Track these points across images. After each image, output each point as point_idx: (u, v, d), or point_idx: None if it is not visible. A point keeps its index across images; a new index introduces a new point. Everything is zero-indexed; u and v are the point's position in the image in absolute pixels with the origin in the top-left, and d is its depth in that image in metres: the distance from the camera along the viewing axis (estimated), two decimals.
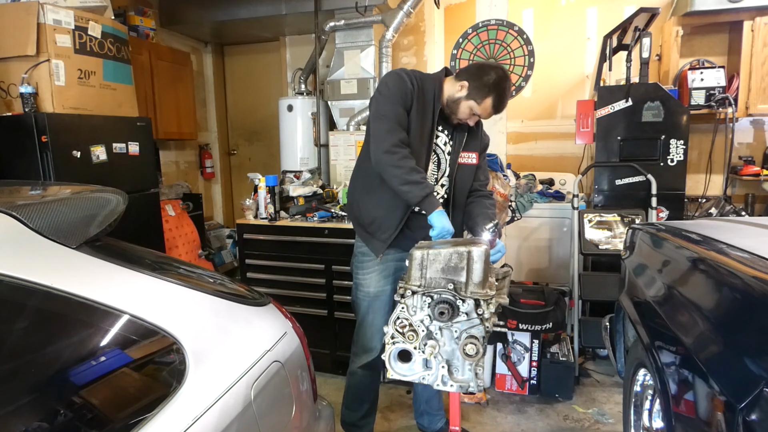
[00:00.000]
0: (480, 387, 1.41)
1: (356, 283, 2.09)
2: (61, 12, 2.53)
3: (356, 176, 2.07)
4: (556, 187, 3.83)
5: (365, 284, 2.06)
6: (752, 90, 3.34)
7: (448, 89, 1.91)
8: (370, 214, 1.99)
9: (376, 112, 1.85)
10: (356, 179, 2.07)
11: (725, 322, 1.08)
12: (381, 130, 1.81)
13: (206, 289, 1.15)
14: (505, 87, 1.87)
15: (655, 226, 1.82)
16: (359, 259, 2.07)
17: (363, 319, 2.08)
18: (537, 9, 4.07)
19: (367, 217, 1.99)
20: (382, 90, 1.85)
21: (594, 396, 2.73)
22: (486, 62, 2.05)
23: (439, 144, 1.99)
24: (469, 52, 3.04)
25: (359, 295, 2.08)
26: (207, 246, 4.39)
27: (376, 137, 1.82)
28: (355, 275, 2.10)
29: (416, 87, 1.85)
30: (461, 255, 1.41)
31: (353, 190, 2.08)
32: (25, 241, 0.89)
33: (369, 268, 2.04)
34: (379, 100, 1.85)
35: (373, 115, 1.87)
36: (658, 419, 1.55)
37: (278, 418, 1.19)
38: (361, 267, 2.06)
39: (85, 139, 2.62)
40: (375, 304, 2.06)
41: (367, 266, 2.04)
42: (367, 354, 2.09)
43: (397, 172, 1.76)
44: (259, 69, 4.86)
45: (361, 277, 2.06)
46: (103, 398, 0.87)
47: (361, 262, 2.06)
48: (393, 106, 1.82)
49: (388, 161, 1.77)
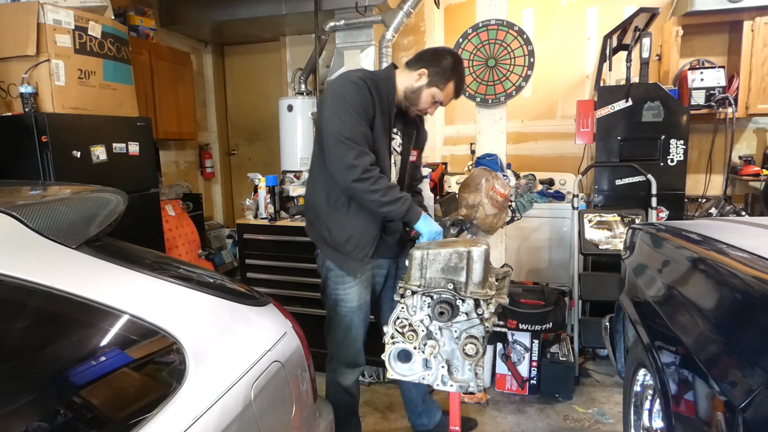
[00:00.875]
0: (480, 387, 1.41)
1: (335, 299, 1.90)
2: (61, 12, 2.53)
3: (316, 192, 1.84)
4: (556, 187, 3.83)
5: (347, 299, 1.90)
6: (752, 90, 3.34)
7: (403, 81, 1.81)
8: (343, 233, 1.81)
9: (337, 134, 1.64)
10: (317, 195, 1.84)
11: (725, 322, 1.08)
12: (348, 157, 1.63)
13: (206, 289, 1.15)
14: (463, 69, 1.83)
15: (655, 226, 1.81)
16: (335, 275, 1.88)
17: (345, 334, 1.93)
18: (537, 9, 4.08)
19: (340, 237, 1.82)
20: (339, 106, 1.66)
21: (594, 396, 2.73)
22: (438, 47, 1.96)
23: (395, 146, 1.89)
24: (469, 52, 3.04)
25: (341, 311, 1.91)
26: (207, 246, 4.39)
27: (343, 165, 1.65)
28: (333, 291, 1.90)
29: (374, 95, 1.70)
30: (461, 255, 1.41)
31: (315, 206, 1.86)
32: (25, 241, 0.89)
33: (348, 284, 1.88)
34: (339, 117, 1.65)
35: (334, 137, 1.65)
36: (658, 419, 1.55)
37: (278, 418, 1.19)
38: (341, 283, 1.88)
39: (85, 139, 2.62)
40: (357, 316, 1.93)
41: (347, 281, 1.88)
42: (354, 370, 2.00)
43: (374, 197, 1.67)
44: (259, 69, 4.86)
45: (341, 293, 1.89)
46: (103, 398, 0.87)
47: (339, 278, 1.88)
48: (356, 125, 1.65)
49: (362, 188, 1.66)
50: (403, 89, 1.82)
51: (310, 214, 1.94)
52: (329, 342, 2.01)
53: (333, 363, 2.02)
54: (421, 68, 1.78)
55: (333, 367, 2.02)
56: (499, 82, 2.99)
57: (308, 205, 1.95)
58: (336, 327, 1.94)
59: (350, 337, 1.94)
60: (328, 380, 2.05)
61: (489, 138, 3.09)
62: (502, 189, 2.74)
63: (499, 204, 2.74)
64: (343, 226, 1.82)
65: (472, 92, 3.05)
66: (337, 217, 1.81)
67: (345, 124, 1.65)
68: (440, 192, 3.07)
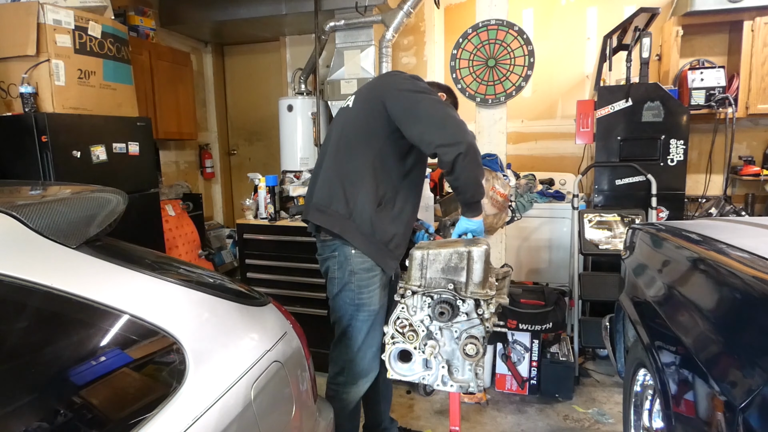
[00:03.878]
0: (480, 387, 1.41)
1: (357, 305, 1.81)
2: (61, 12, 2.53)
3: (362, 188, 1.77)
4: (556, 187, 3.83)
5: (369, 303, 1.82)
6: (752, 90, 3.34)
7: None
8: (389, 230, 1.79)
9: (435, 107, 1.67)
10: (362, 191, 1.76)
11: (725, 322, 1.08)
12: (457, 119, 1.67)
13: (206, 289, 1.15)
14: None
15: (655, 226, 1.81)
16: (362, 278, 1.80)
17: (363, 341, 1.84)
18: (537, 9, 4.08)
19: (386, 234, 1.78)
20: (422, 89, 1.74)
21: (594, 396, 2.73)
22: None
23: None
24: (469, 52, 3.04)
25: (361, 317, 1.82)
26: (207, 246, 4.39)
27: (460, 127, 1.65)
28: (355, 296, 1.81)
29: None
30: (461, 255, 1.41)
31: (357, 202, 1.76)
32: (25, 241, 0.89)
33: (374, 285, 1.82)
34: (429, 96, 1.71)
35: (437, 110, 1.66)
36: (658, 419, 1.55)
37: (278, 418, 1.19)
38: (366, 285, 1.80)
39: (85, 139, 2.62)
40: (377, 320, 1.85)
41: (372, 282, 1.81)
42: (368, 378, 1.90)
43: (480, 168, 1.71)
44: (259, 69, 4.86)
45: (365, 297, 1.81)
46: (103, 398, 0.87)
47: (366, 280, 1.80)
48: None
49: (477, 153, 1.67)
50: None
51: (344, 208, 1.77)
52: (341, 354, 1.88)
53: (344, 376, 1.88)
54: (440, 92, 1.97)
55: (343, 380, 1.88)
56: (499, 82, 2.99)
57: (343, 200, 1.78)
58: (354, 336, 1.84)
59: (366, 343, 1.85)
60: (333, 397, 1.90)
61: (489, 138, 3.09)
62: (502, 189, 2.74)
63: (499, 204, 2.74)
64: (389, 224, 1.79)
65: (472, 92, 3.05)
66: (385, 215, 1.78)
67: (436, 102, 1.70)
68: (440, 192, 3.07)
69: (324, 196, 1.81)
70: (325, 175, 1.84)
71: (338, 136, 1.85)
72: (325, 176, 1.84)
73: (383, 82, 1.87)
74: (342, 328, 1.86)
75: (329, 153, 1.87)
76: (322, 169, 1.87)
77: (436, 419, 2.53)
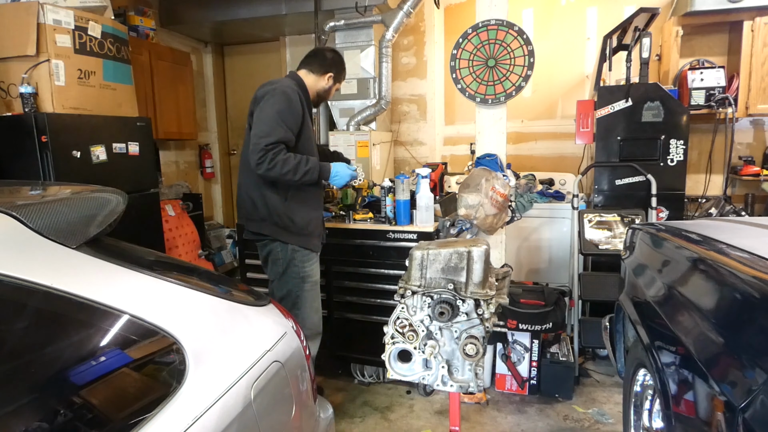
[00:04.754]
0: (480, 387, 1.41)
1: (302, 277, 2.23)
2: (61, 12, 2.53)
3: (266, 191, 2.15)
4: (556, 187, 3.83)
5: (312, 274, 2.26)
6: (752, 90, 3.34)
7: (314, 85, 2.29)
8: (304, 218, 2.20)
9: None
10: (268, 194, 2.15)
11: (725, 322, 1.08)
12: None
13: (206, 289, 1.15)
14: (342, 57, 2.40)
15: (655, 226, 1.81)
16: (301, 255, 2.21)
17: (311, 305, 2.27)
18: (537, 9, 4.07)
19: (302, 221, 2.19)
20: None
21: (594, 396, 2.73)
22: (324, 48, 2.44)
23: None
24: (469, 52, 3.04)
25: (307, 286, 2.25)
26: (207, 246, 4.39)
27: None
28: (300, 270, 2.22)
29: (302, 99, 2.16)
30: (461, 255, 1.41)
31: (267, 204, 2.15)
32: (25, 241, 0.89)
33: (312, 260, 2.27)
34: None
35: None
36: (658, 419, 1.55)
37: (278, 418, 1.19)
38: (306, 261, 2.23)
39: (85, 139, 2.62)
40: (317, 289, 2.31)
41: (311, 258, 2.26)
42: (318, 338, 2.34)
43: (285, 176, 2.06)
44: (259, 69, 4.86)
45: (308, 269, 2.24)
46: (103, 398, 0.86)
47: (306, 256, 2.23)
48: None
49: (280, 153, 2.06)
50: (316, 91, 2.31)
51: (259, 213, 2.18)
52: (300, 321, 2.22)
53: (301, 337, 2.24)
54: (327, 72, 2.30)
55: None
56: (499, 82, 2.99)
57: (255, 205, 2.18)
58: (303, 302, 2.25)
59: (314, 307, 2.29)
60: None
61: (489, 138, 3.09)
62: (502, 189, 2.74)
63: (499, 204, 2.74)
64: (302, 212, 2.19)
65: (472, 92, 3.05)
66: (295, 206, 2.17)
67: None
68: (440, 192, 3.07)
69: (247, 207, 2.21)
70: (244, 189, 2.23)
71: (244, 153, 2.20)
72: (244, 189, 2.23)
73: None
74: (292, 301, 2.23)
75: (242, 169, 2.25)
76: (240, 183, 2.27)
77: (436, 419, 2.54)
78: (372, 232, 2.67)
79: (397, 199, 2.59)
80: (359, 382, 2.88)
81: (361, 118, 3.65)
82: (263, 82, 2.25)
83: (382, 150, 3.82)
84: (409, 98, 4.38)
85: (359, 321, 2.76)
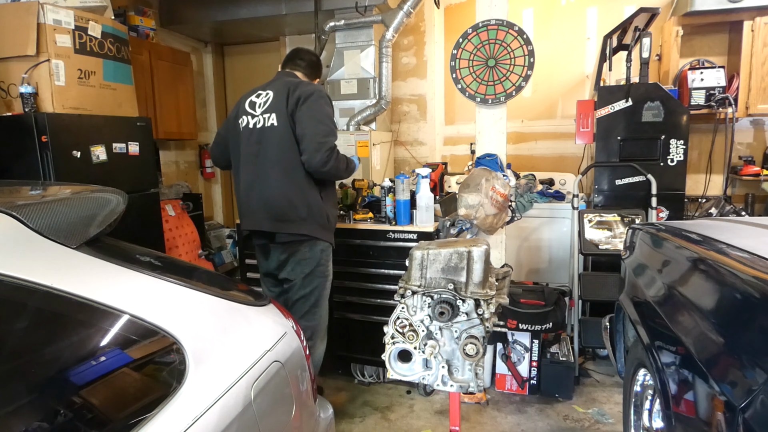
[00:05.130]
0: (480, 387, 1.41)
1: (326, 275, 2.28)
2: (61, 12, 2.53)
3: (309, 191, 2.17)
4: (556, 187, 3.83)
5: (329, 272, 2.31)
6: (752, 90, 3.34)
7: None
8: (334, 213, 2.31)
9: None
10: (310, 193, 2.17)
11: (725, 322, 1.08)
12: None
13: (206, 289, 1.15)
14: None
15: (655, 226, 1.82)
16: (326, 255, 2.27)
17: (324, 307, 2.31)
18: (537, 9, 4.07)
19: (333, 217, 2.29)
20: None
21: (594, 396, 2.73)
22: (311, 53, 2.46)
23: None
24: (469, 52, 3.04)
25: (327, 285, 2.30)
26: (207, 246, 4.38)
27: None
28: (327, 270, 2.28)
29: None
30: (461, 255, 1.41)
31: (309, 204, 2.16)
32: (25, 241, 0.89)
33: (331, 258, 2.33)
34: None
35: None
36: (658, 419, 1.55)
37: (278, 418, 1.19)
38: (330, 259, 2.30)
39: (85, 139, 2.62)
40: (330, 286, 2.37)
41: (331, 257, 2.32)
42: (326, 333, 2.37)
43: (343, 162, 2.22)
44: (259, 69, 4.86)
45: (330, 268, 2.31)
46: (103, 398, 0.86)
47: (329, 256, 2.29)
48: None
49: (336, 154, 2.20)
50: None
51: (299, 213, 2.15)
52: (310, 321, 2.25)
53: (313, 339, 2.26)
54: (317, 78, 2.43)
55: (312, 343, 2.25)
56: (499, 82, 2.99)
57: (295, 206, 2.14)
58: (322, 303, 2.29)
59: (326, 305, 2.34)
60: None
61: (489, 138, 3.08)
62: (502, 189, 2.74)
63: (499, 204, 2.74)
64: (333, 208, 2.29)
65: (472, 92, 3.05)
66: (328, 203, 2.25)
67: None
68: (440, 192, 3.07)
69: (283, 208, 2.15)
70: (279, 190, 2.15)
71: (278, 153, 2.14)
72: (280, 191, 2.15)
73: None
74: (314, 299, 2.25)
75: (274, 169, 2.15)
76: (270, 184, 2.16)
77: (436, 419, 2.54)
78: (372, 232, 2.67)
79: (397, 199, 2.59)
80: (359, 382, 2.88)
81: (361, 118, 3.65)
82: (263, 82, 2.26)
83: (382, 150, 3.81)
84: (409, 98, 4.39)
85: (359, 321, 2.76)
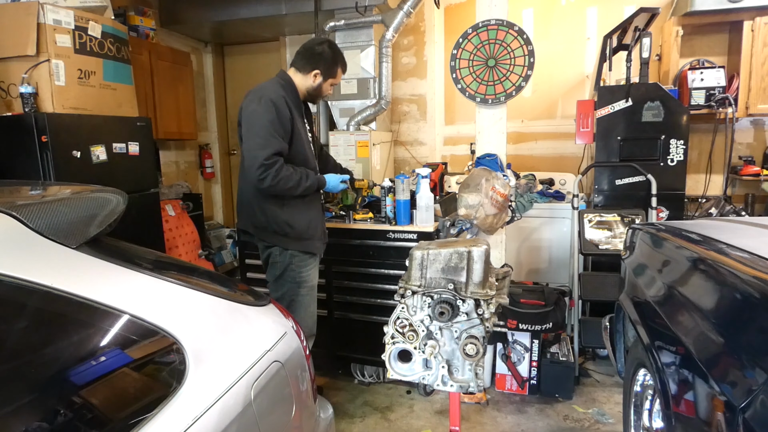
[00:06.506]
0: (480, 387, 1.41)
1: (298, 282, 2.20)
2: (61, 12, 2.53)
3: (265, 201, 2.12)
4: (556, 187, 3.83)
5: (309, 279, 2.24)
6: (752, 90, 3.34)
7: (302, 84, 2.19)
8: (303, 220, 2.17)
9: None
10: (267, 203, 2.12)
11: (725, 322, 1.08)
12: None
13: (206, 289, 1.15)
14: (339, 49, 2.25)
15: (655, 226, 1.81)
16: (299, 260, 2.19)
17: (305, 310, 2.25)
18: (537, 9, 4.07)
19: (301, 225, 2.16)
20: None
21: (594, 396, 2.73)
22: (314, 42, 2.25)
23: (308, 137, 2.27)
24: (469, 52, 3.04)
25: (302, 291, 2.23)
26: (207, 246, 4.39)
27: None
28: (296, 275, 2.20)
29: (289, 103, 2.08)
30: (461, 255, 1.41)
31: (266, 212, 2.13)
32: (25, 241, 0.89)
33: (310, 265, 2.24)
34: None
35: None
36: (658, 419, 1.55)
37: (278, 418, 1.19)
38: (304, 266, 2.21)
39: (85, 139, 2.62)
40: (313, 293, 2.28)
41: (309, 263, 2.23)
42: (313, 336, 2.33)
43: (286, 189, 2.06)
44: (259, 69, 4.86)
45: (304, 274, 2.21)
46: (103, 398, 0.86)
47: (303, 261, 2.20)
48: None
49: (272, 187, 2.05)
50: (305, 90, 2.21)
51: (258, 219, 2.15)
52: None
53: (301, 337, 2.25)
54: (313, 70, 2.17)
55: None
56: (499, 82, 2.99)
57: (254, 212, 2.15)
58: (298, 306, 2.22)
59: (309, 311, 2.27)
60: None
61: (489, 138, 3.09)
62: (502, 189, 2.74)
63: (499, 204, 2.74)
64: (300, 216, 2.16)
65: (472, 92, 3.05)
66: (293, 211, 2.14)
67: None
68: (440, 192, 3.07)
69: (248, 212, 2.18)
70: (245, 197, 2.19)
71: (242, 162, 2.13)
72: (246, 198, 2.19)
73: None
74: (286, 304, 2.19)
75: (241, 176, 2.19)
76: (242, 190, 2.22)
77: (436, 419, 2.54)
78: (372, 232, 2.67)
79: (397, 199, 2.59)
80: (359, 382, 2.88)
81: (361, 118, 3.65)
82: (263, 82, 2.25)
83: (382, 150, 3.81)
84: (409, 98, 4.39)
85: (359, 321, 2.76)
